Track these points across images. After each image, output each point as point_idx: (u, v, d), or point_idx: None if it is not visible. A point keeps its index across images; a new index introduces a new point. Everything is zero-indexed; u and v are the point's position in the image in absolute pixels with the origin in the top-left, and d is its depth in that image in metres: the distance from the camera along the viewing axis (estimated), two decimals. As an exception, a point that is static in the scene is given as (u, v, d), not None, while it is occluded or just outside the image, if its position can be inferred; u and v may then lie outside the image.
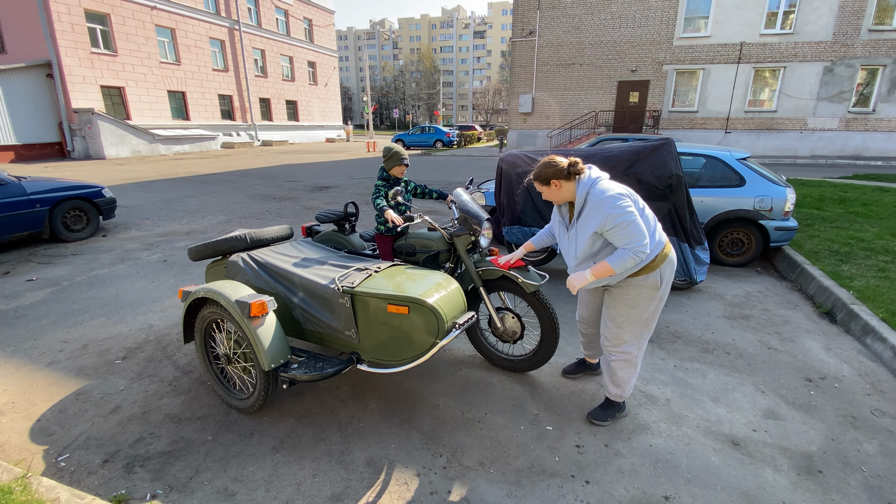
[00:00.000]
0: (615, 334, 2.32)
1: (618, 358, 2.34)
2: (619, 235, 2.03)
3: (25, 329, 3.54)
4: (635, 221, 2.01)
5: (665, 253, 2.22)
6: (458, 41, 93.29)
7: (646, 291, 2.22)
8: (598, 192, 2.07)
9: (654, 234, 2.16)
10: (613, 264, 2.07)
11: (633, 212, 2.02)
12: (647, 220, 2.14)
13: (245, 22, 27.09)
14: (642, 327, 2.29)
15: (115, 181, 11.92)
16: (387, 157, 3.13)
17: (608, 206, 2.02)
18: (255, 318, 2.24)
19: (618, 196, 2.04)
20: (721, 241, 5.00)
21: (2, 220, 5.28)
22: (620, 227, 2.01)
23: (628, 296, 2.24)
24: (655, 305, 2.27)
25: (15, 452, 2.20)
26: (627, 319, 2.27)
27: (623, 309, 2.27)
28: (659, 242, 2.19)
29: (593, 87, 19.35)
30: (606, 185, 2.11)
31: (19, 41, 18.81)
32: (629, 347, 2.32)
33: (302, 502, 1.95)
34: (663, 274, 2.22)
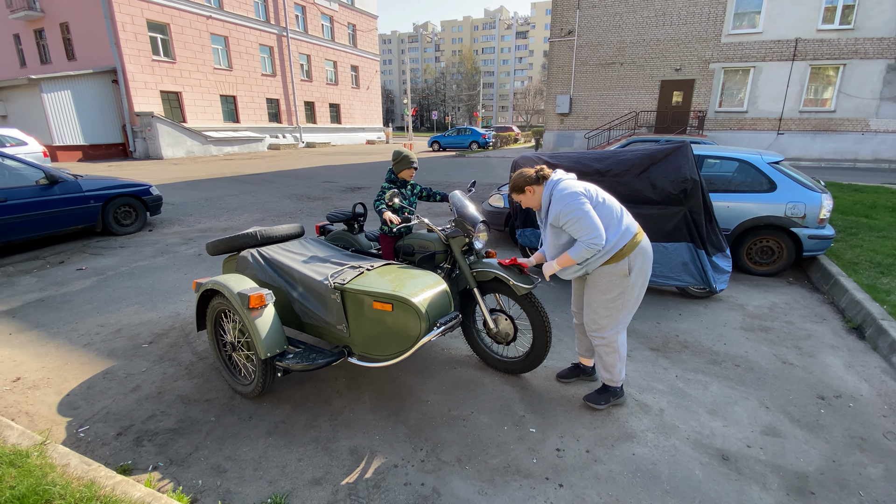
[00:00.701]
0: (592, 319, 2.49)
1: (599, 343, 2.50)
2: (573, 229, 2.25)
3: (69, 313, 3.93)
4: (586, 217, 2.20)
5: (635, 241, 2.34)
6: (500, 42, 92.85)
7: (615, 279, 2.36)
8: (558, 191, 2.32)
9: (619, 224, 2.31)
10: (573, 255, 2.29)
11: (585, 208, 2.22)
12: (610, 213, 2.31)
13: (292, 28, 28.28)
14: (616, 313, 2.43)
15: (167, 180, 12.81)
16: (396, 160, 3.24)
17: (561, 203, 2.25)
18: (253, 309, 2.40)
19: (572, 193, 2.25)
20: (749, 249, 4.75)
21: (60, 214, 5.85)
22: (572, 222, 2.23)
23: (600, 283, 2.40)
24: (628, 293, 2.40)
25: (42, 422, 2.47)
26: (600, 304, 2.43)
27: (596, 294, 2.43)
28: (626, 232, 2.33)
29: (634, 87, 18.72)
30: (566, 184, 2.34)
31: (88, 49, 20.57)
32: (606, 333, 2.46)
33: (284, 483, 2.07)
34: (632, 262, 2.35)
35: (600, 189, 2.39)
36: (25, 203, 5.47)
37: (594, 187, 2.37)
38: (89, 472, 1.93)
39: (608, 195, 2.38)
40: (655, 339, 3.43)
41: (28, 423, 2.46)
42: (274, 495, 1.98)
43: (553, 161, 4.25)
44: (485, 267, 2.73)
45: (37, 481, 1.85)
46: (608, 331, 2.44)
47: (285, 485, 2.06)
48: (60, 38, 21.51)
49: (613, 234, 2.27)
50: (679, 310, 3.97)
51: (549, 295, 4.31)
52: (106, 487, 1.84)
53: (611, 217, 2.28)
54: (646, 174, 3.86)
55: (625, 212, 2.37)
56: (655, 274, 3.98)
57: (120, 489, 1.84)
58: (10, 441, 2.10)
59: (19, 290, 4.44)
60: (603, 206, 2.29)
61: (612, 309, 2.40)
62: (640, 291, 2.42)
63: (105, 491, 1.82)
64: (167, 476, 2.11)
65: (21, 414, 2.54)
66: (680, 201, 3.75)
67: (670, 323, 3.71)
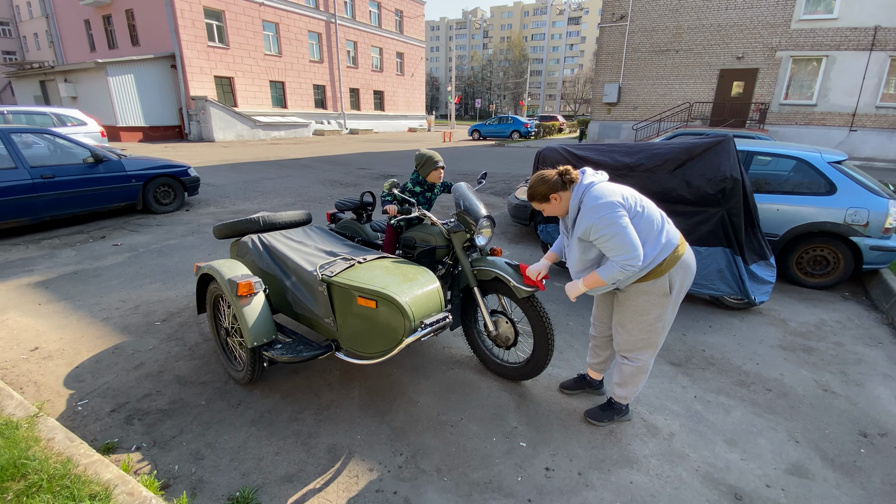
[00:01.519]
0: (626, 341, 2.20)
1: (630, 365, 2.23)
2: (606, 246, 1.91)
3: (97, 287, 4.12)
4: (623, 234, 1.86)
5: (676, 255, 2.02)
6: (551, 28, 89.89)
7: (654, 298, 2.06)
8: (590, 199, 1.94)
9: (660, 234, 1.99)
10: (603, 276, 1.96)
11: (622, 223, 1.86)
12: (650, 224, 1.98)
13: (341, 15, 28.58)
14: (655, 335, 2.15)
15: (214, 162, 13.35)
16: (420, 163, 3.03)
17: (595, 216, 1.89)
18: (242, 297, 2.36)
19: (608, 204, 1.89)
20: (800, 258, 4.27)
21: (104, 191, 6.18)
22: (605, 239, 1.89)
23: (636, 302, 2.09)
24: (669, 312, 2.11)
25: (47, 393, 2.57)
26: (637, 326, 2.13)
27: (632, 315, 2.13)
28: (668, 244, 2.00)
29: (689, 76, 17.50)
30: (600, 190, 1.95)
31: (150, 35, 21.72)
32: (641, 355, 2.20)
33: (256, 476, 2.03)
34: (673, 279, 2.04)
35: (638, 194, 2.04)
36: (72, 180, 5.81)
37: (632, 192, 2.02)
38: (69, 449, 1.96)
39: (648, 201, 2.03)
40: (678, 353, 3.13)
41: (34, 393, 2.56)
42: (243, 489, 1.94)
43: (580, 153, 3.97)
44: (486, 265, 2.55)
45: (20, 453, 1.90)
46: (645, 353, 2.19)
47: (257, 479, 2.01)
48: (126, 25, 22.84)
49: (652, 248, 1.95)
50: (710, 321, 3.62)
51: (559, 295, 4.06)
52: (80, 466, 1.86)
53: (650, 229, 1.96)
54: (681, 170, 3.51)
55: (666, 220, 2.04)
56: (686, 280, 3.65)
57: (92, 469, 1.85)
58: (6, 411, 2.18)
59: (58, 262, 4.72)
60: (642, 216, 1.95)
61: (650, 331, 2.12)
62: (678, 307, 2.16)
63: (78, 470, 1.84)
64: (147, 458, 2.12)
65: (30, 383, 2.66)
66: (717, 202, 3.39)
67: (697, 335, 3.38)
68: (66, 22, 26.73)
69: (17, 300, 3.78)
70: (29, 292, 3.95)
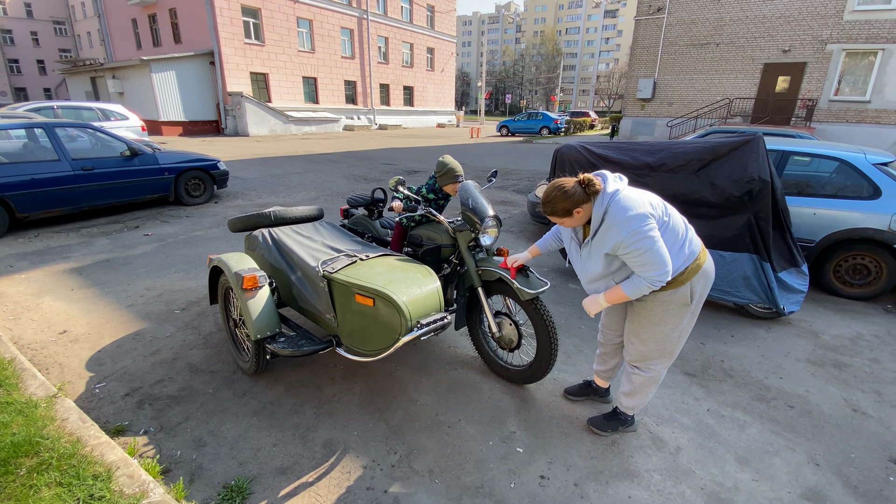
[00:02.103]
0: (639, 351, 2.10)
1: (640, 373, 2.13)
2: (634, 262, 1.80)
3: (125, 275, 4.31)
4: (655, 248, 1.75)
5: (698, 264, 1.92)
6: (587, 21, 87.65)
7: (673, 308, 1.95)
8: (617, 210, 1.78)
9: (683, 245, 1.88)
10: (628, 291, 1.87)
11: (653, 236, 1.74)
12: (674, 235, 1.87)
13: (373, 11, 28.81)
14: (672, 346, 2.05)
15: (246, 156, 13.77)
16: (440, 172, 2.93)
17: (625, 230, 1.75)
18: (247, 290, 2.40)
19: (639, 217, 1.75)
20: (838, 266, 3.99)
21: (139, 183, 6.47)
22: (637, 254, 1.77)
23: (653, 312, 1.99)
24: (686, 322, 2.01)
25: (70, 374, 2.71)
26: (653, 337, 2.03)
27: (648, 326, 2.02)
28: (690, 254, 1.90)
29: (731, 71, 16.67)
30: (626, 200, 1.79)
31: (191, 33, 22.55)
32: (655, 365, 2.10)
33: (253, 466, 2.07)
34: (695, 288, 1.94)
35: (663, 200, 1.91)
36: (109, 172, 6.10)
37: (657, 199, 1.88)
38: (80, 430, 2.05)
39: (672, 208, 1.91)
40: (694, 363, 2.99)
41: (58, 374, 2.71)
42: (238, 478, 1.98)
43: (600, 152, 3.84)
44: (491, 266, 2.51)
45: (35, 431, 2.01)
46: (657, 363, 2.09)
47: (253, 469, 2.05)
48: (169, 23, 23.80)
49: (676, 258, 1.84)
50: (733, 330, 3.44)
51: (572, 297, 3.95)
52: (88, 447, 1.95)
53: (675, 239, 1.85)
54: (705, 171, 3.34)
55: (689, 228, 1.93)
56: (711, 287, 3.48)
57: (98, 451, 1.93)
58: (29, 390, 2.31)
59: (93, 250, 4.97)
60: (667, 228, 1.83)
61: (666, 342, 2.02)
62: (696, 316, 2.06)
63: (86, 451, 1.93)
64: (152, 442, 2.20)
65: (55, 365, 2.81)
66: (744, 205, 3.20)
67: (717, 345, 3.22)
68: (115, 21, 28.11)
69: (52, 285, 4.01)
70: (64, 278, 4.18)
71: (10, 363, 2.50)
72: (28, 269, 4.37)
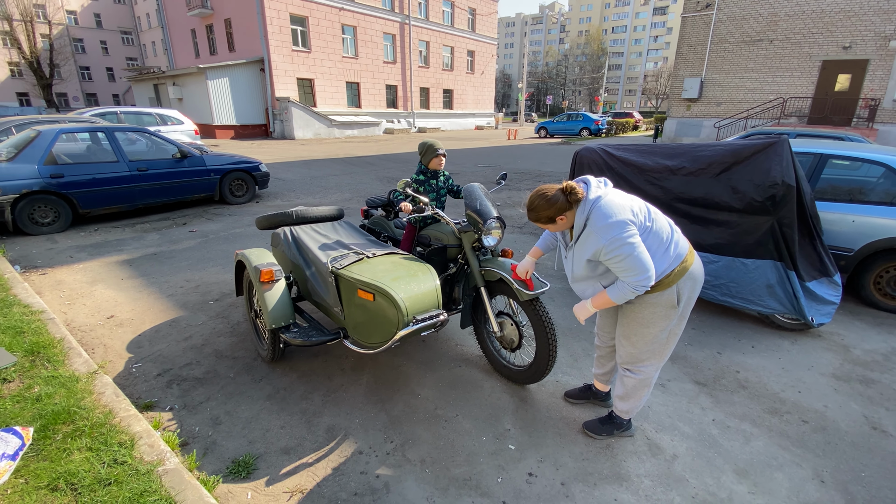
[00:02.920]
0: (629, 353, 2.12)
1: (632, 377, 2.15)
2: (616, 268, 1.84)
3: (169, 267, 4.70)
4: (634, 254, 1.77)
5: (684, 266, 1.93)
6: (634, 20, 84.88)
7: (660, 310, 1.97)
8: (598, 217, 1.82)
9: (668, 247, 1.90)
10: (613, 296, 1.91)
11: (633, 243, 1.77)
12: (658, 239, 1.88)
13: (415, 16, 29.33)
14: (661, 347, 2.06)
15: (289, 158, 14.43)
16: (422, 151, 3.17)
17: (604, 237, 1.79)
18: (264, 283, 2.60)
19: (618, 223, 1.78)
20: (879, 277, 3.73)
21: (187, 183, 6.99)
22: (617, 260, 1.80)
23: (642, 314, 2.01)
24: (674, 324, 2.02)
25: (112, 355, 3.02)
26: (642, 339, 2.05)
27: (637, 328, 2.05)
28: (676, 256, 1.91)
29: (785, 69, 15.66)
30: (607, 206, 1.82)
31: (244, 42, 23.89)
32: (645, 367, 2.12)
33: (261, 445, 2.24)
34: (681, 290, 1.94)
35: (647, 205, 1.93)
36: (162, 173, 6.64)
37: (640, 204, 1.90)
38: (113, 403, 2.31)
39: (657, 212, 1.92)
40: (706, 372, 2.91)
41: (102, 354, 3.02)
42: (246, 455, 2.15)
43: (619, 154, 3.80)
44: (493, 266, 2.57)
45: (74, 402, 2.27)
46: (648, 366, 2.10)
47: (260, 447, 2.23)
48: (224, 33, 25.33)
49: (661, 261, 1.86)
50: (754, 341, 3.30)
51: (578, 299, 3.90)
52: (117, 418, 2.19)
53: (659, 244, 1.87)
54: (726, 175, 3.24)
55: (674, 230, 1.94)
56: (732, 293, 3.38)
57: (126, 422, 2.17)
58: (74, 366, 2.61)
59: (143, 244, 5.44)
60: (651, 231, 1.85)
61: (655, 343, 2.04)
62: (686, 319, 2.05)
63: (115, 421, 2.17)
64: (175, 418, 2.42)
65: (100, 345, 3.13)
66: (767, 210, 3.08)
67: (735, 355, 3.11)
68: (177, 31, 30.22)
69: (106, 274, 4.44)
70: (116, 268, 4.61)
71: (60, 342, 2.83)
72: (86, 259, 4.86)
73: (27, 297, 3.55)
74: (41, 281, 4.26)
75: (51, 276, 4.37)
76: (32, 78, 33.65)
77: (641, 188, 3.59)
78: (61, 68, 38.75)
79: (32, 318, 3.19)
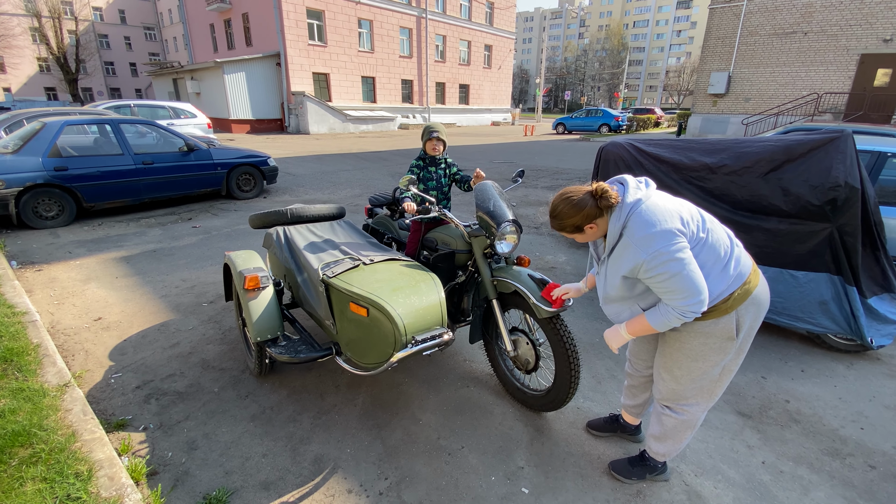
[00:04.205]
0: (671, 390, 1.76)
1: (672, 415, 1.80)
2: (659, 288, 1.49)
3: (167, 265, 4.49)
4: (684, 273, 1.42)
5: (747, 289, 1.56)
6: (657, 14, 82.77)
7: (714, 341, 1.61)
8: (638, 226, 1.48)
9: (727, 265, 1.54)
10: (654, 322, 1.56)
11: (682, 258, 1.42)
12: (714, 254, 1.52)
13: (432, 10, 28.92)
14: (712, 385, 1.70)
15: (302, 153, 14.27)
16: (421, 135, 3.01)
17: (647, 251, 1.44)
18: (248, 290, 2.32)
19: (664, 234, 1.44)
20: (949, 293, 3.27)
21: (193, 178, 6.81)
22: (661, 279, 1.46)
23: (690, 345, 1.65)
24: (730, 359, 1.66)
25: (91, 362, 2.79)
26: (688, 374, 1.69)
27: (683, 361, 1.69)
28: (738, 276, 1.55)
29: (820, 62, 14.83)
30: (650, 213, 1.48)
31: (261, 36, 23.84)
32: (690, 407, 1.76)
33: (237, 477, 1.97)
34: (742, 318, 1.58)
35: (701, 211, 1.57)
36: (167, 166, 6.47)
37: (692, 210, 1.54)
38: (79, 423, 2.06)
39: (713, 220, 1.57)
40: (751, 401, 2.54)
41: (81, 362, 2.80)
42: (220, 490, 1.88)
43: (650, 150, 3.42)
44: (507, 276, 2.25)
45: (37, 421, 2.04)
46: (693, 405, 1.75)
47: (237, 480, 1.95)
48: (242, 27, 25.34)
49: (718, 282, 1.51)
50: (804, 364, 2.91)
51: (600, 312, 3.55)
52: (79, 442, 1.94)
53: (716, 259, 1.52)
54: (776, 174, 2.84)
55: (735, 244, 1.58)
56: (777, 310, 2.99)
57: (88, 447, 1.92)
58: (45, 377, 2.38)
59: (144, 240, 5.26)
60: (705, 245, 1.50)
61: (705, 380, 1.68)
62: (745, 353, 1.67)
63: (76, 446, 1.92)
64: (148, 440, 2.17)
65: (82, 351, 2.91)
66: (825, 216, 2.68)
67: (783, 381, 2.73)
68: (196, 26, 30.41)
69: (100, 272, 4.25)
70: (112, 266, 4.43)
71: (35, 349, 2.61)
72: (84, 255, 4.69)
73: (14, 297, 3.36)
74: (35, 278, 4.09)
75: (45, 273, 4.20)
76: (59, 73, 34.31)
77: (675, 189, 3.21)
78: (87, 63, 39.57)
79: (14, 319, 2.99)
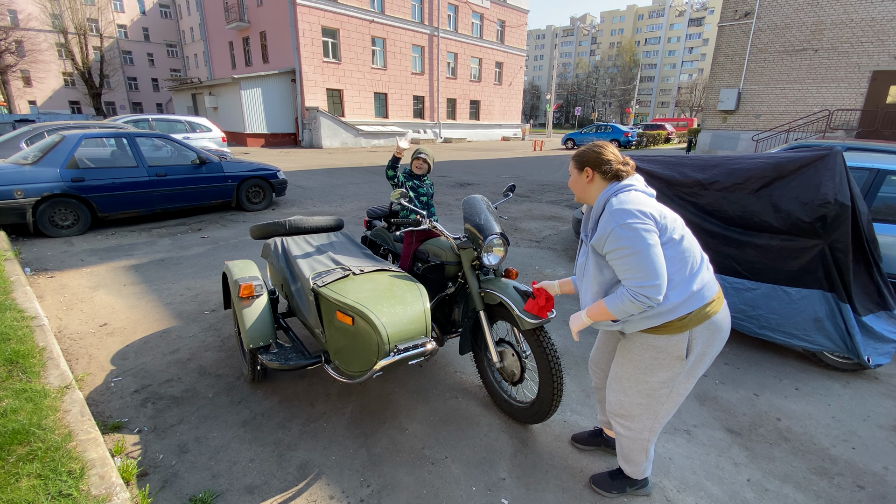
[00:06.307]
0: (618, 401, 1.79)
1: (622, 432, 1.82)
2: (619, 264, 1.53)
3: (174, 273, 4.62)
4: (645, 252, 1.47)
5: (706, 312, 1.57)
6: (668, 31, 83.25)
7: (665, 358, 1.63)
8: (618, 200, 1.56)
9: (692, 279, 1.56)
10: (609, 305, 1.59)
11: (645, 237, 1.47)
12: (682, 259, 1.56)
13: (443, 28, 29.52)
14: (656, 404, 1.71)
15: (314, 166, 14.56)
16: (411, 154, 3.14)
17: (614, 221, 1.51)
18: (243, 298, 2.40)
19: (636, 212, 1.50)
20: (951, 313, 3.22)
21: (205, 189, 7.01)
22: (621, 254, 1.51)
23: (641, 356, 1.67)
24: (681, 382, 1.66)
25: (93, 365, 2.88)
26: (636, 386, 1.71)
27: (632, 372, 1.71)
28: (696, 295, 1.56)
29: (831, 79, 14.76)
30: (634, 195, 1.57)
31: (277, 53, 24.56)
32: (634, 423, 1.77)
33: (225, 480, 2.02)
34: (694, 341, 1.59)
35: (683, 223, 1.62)
36: (180, 178, 6.68)
37: (674, 217, 1.60)
38: (76, 424, 2.14)
39: (691, 235, 1.61)
40: (741, 418, 2.52)
41: (84, 365, 2.90)
42: (206, 492, 1.93)
43: (643, 166, 3.47)
44: (493, 288, 2.29)
45: (36, 421, 2.12)
46: (637, 421, 1.76)
47: (223, 483, 2.00)
48: (259, 45, 26.14)
49: (679, 292, 1.53)
50: (798, 382, 2.88)
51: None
52: (75, 442, 2.01)
53: (683, 266, 1.55)
54: (767, 191, 2.87)
55: (705, 265, 1.61)
56: (772, 326, 2.98)
57: (83, 447, 1.99)
58: (47, 379, 2.47)
59: (154, 249, 5.42)
60: (676, 246, 1.54)
61: (650, 397, 1.69)
62: (697, 378, 1.69)
63: (72, 445, 1.99)
64: (141, 442, 2.24)
65: (86, 355, 3.01)
66: (815, 232, 2.69)
67: (776, 398, 2.70)
68: (216, 44, 31.46)
69: (110, 279, 4.39)
70: (121, 273, 4.57)
71: (41, 352, 2.71)
72: (95, 263, 4.85)
73: (25, 302, 3.50)
74: (46, 284, 4.24)
75: (57, 280, 4.36)
76: (84, 87, 35.64)
77: (668, 204, 3.23)
78: (110, 78, 41.06)
79: (23, 324, 3.11)
